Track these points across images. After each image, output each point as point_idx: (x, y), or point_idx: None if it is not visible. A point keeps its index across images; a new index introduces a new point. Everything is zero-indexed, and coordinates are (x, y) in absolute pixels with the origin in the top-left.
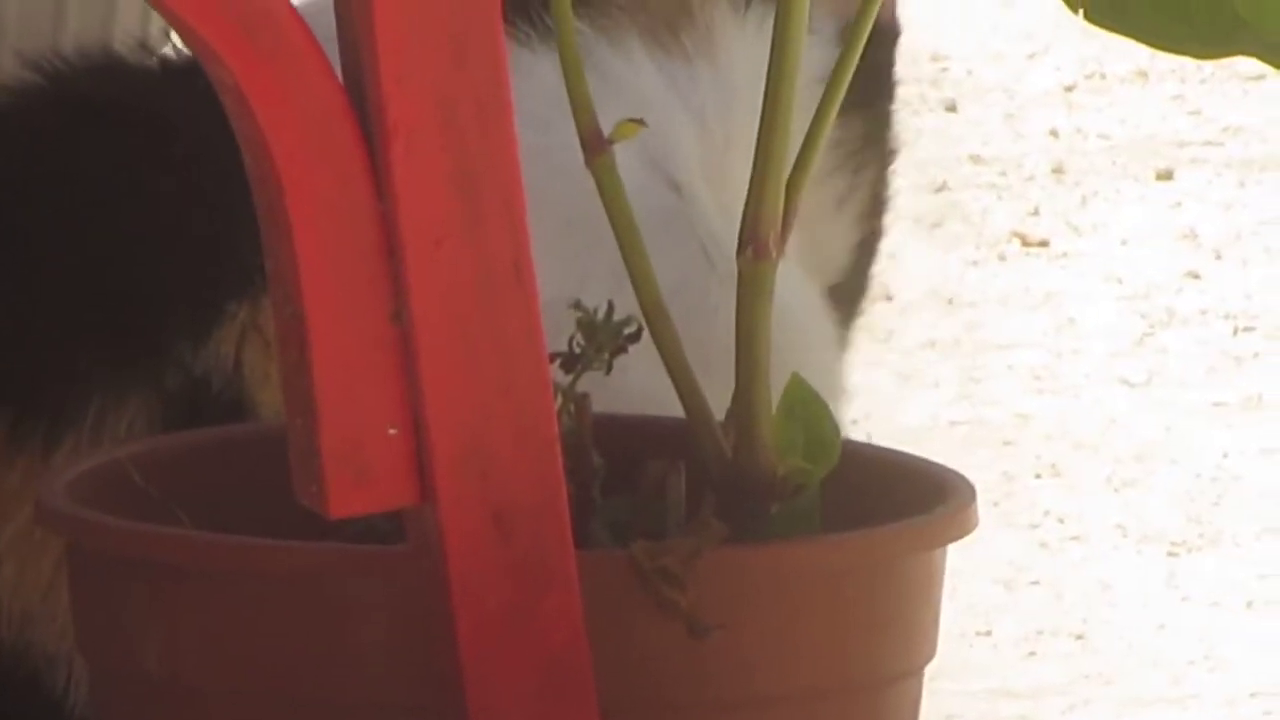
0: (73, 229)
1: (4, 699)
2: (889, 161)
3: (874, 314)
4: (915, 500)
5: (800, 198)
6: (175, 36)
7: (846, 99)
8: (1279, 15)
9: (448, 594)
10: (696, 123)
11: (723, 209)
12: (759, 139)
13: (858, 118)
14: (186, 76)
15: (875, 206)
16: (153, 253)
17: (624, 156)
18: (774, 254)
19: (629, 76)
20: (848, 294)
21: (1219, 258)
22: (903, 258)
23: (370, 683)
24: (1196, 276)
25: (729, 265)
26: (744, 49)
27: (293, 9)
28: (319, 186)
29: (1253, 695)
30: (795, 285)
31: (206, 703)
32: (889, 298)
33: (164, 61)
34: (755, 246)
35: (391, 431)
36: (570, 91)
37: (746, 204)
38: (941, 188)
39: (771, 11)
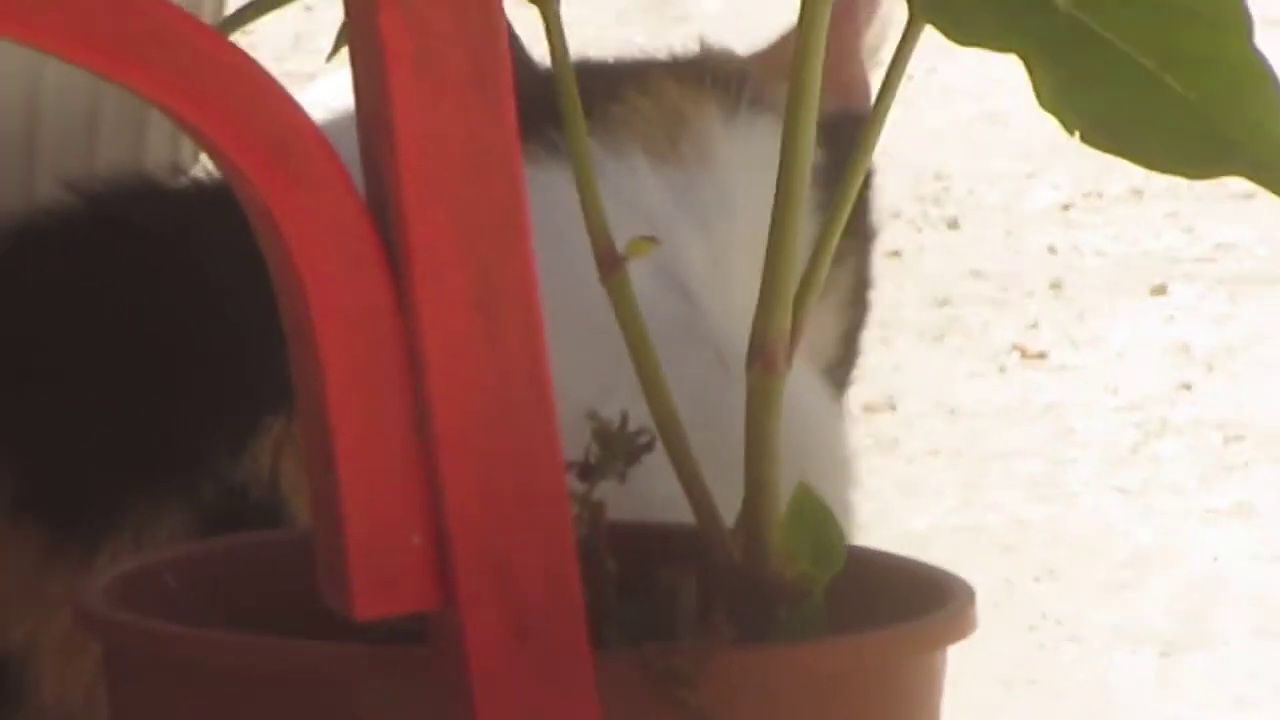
0: (111, 345)
1: None
2: (870, 245)
3: (879, 424)
4: (917, 603)
5: (806, 314)
6: (206, 159)
7: (828, 195)
8: (1266, 136)
9: (469, 694)
10: (699, 228)
11: (729, 310)
12: (767, 258)
13: (819, 210)
14: (217, 198)
15: (859, 292)
16: (190, 369)
17: (636, 266)
18: (782, 368)
19: (634, 187)
20: (839, 375)
21: (1211, 370)
22: (907, 369)
23: None
24: (1188, 388)
25: (742, 368)
26: (735, 153)
27: (319, 134)
28: (344, 303)
29: None
30: (804, 386)
31: None
32: (893, 408)
33: (196, 183)
34: (764, 361)
35: (415, 539)
36: (585, 212)
37: (755, 319)
38: (944, 302)
39: (756, 117)
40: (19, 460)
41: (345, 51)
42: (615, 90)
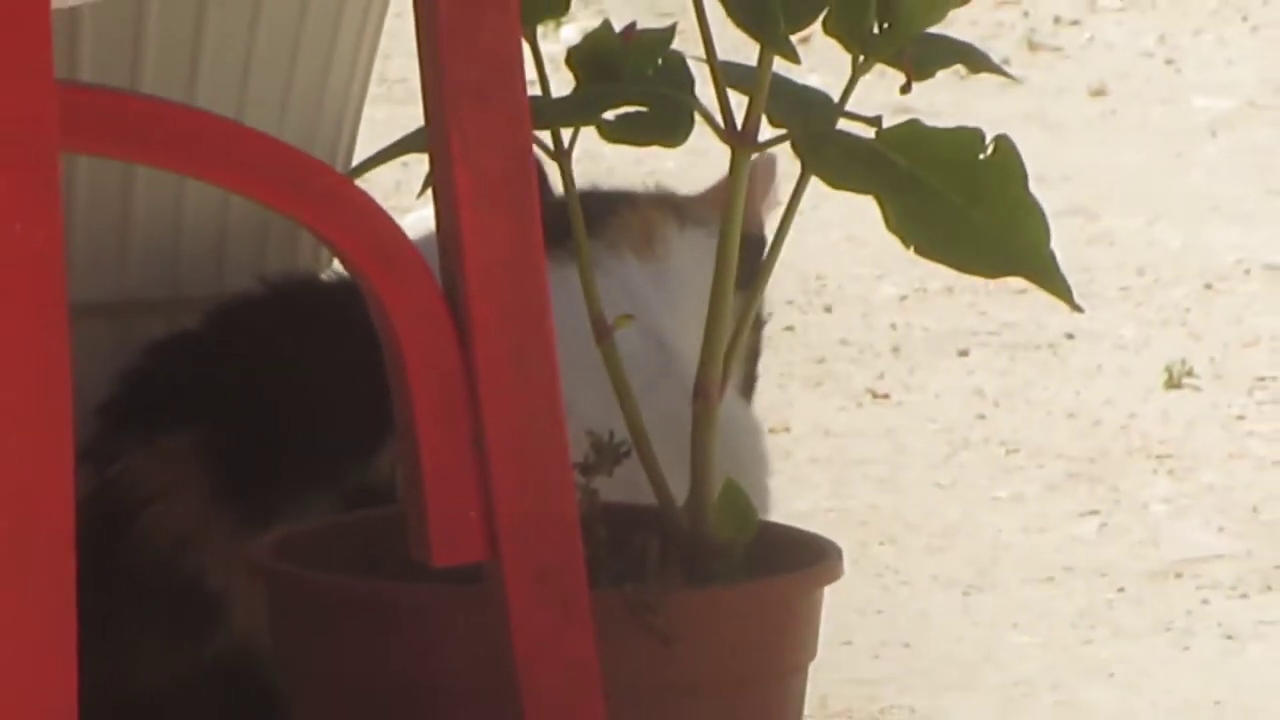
0: (286, 384)
1: (244, 704)
2: (763, 318)
3: (777, 440)
4: (804, 558)
5: (733, 365)
6: (337, 263)
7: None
8: (1037, 253)
9: (507, 618)
10: (668, 302)
11: (690, 358)
12: (706, 326)
13: (740, 294)
14: (349, 289)
15: (756, 339)
16: (338, 404)
17: (637, 330)
18: (715, 401)
19: (624, 274)
20: (747, 386)
21: (997, 406)
22: (797, 405)
23: (456, 671)
24: (983, 418)
25: None
26: (687, 255)
27: (414, 247)
28: (427, 360)
29: None
30: (735, 412)
31: (363, 696)
32: (788, 429)
33: (339, 278)
34: (703, 396)
35: (471, 514)
36: (586, 298)
37: (699, 368)
38: (821, 360)
39: (698, 230)
40: (220, 463)
41: (429, 192)
42: (613, 209)
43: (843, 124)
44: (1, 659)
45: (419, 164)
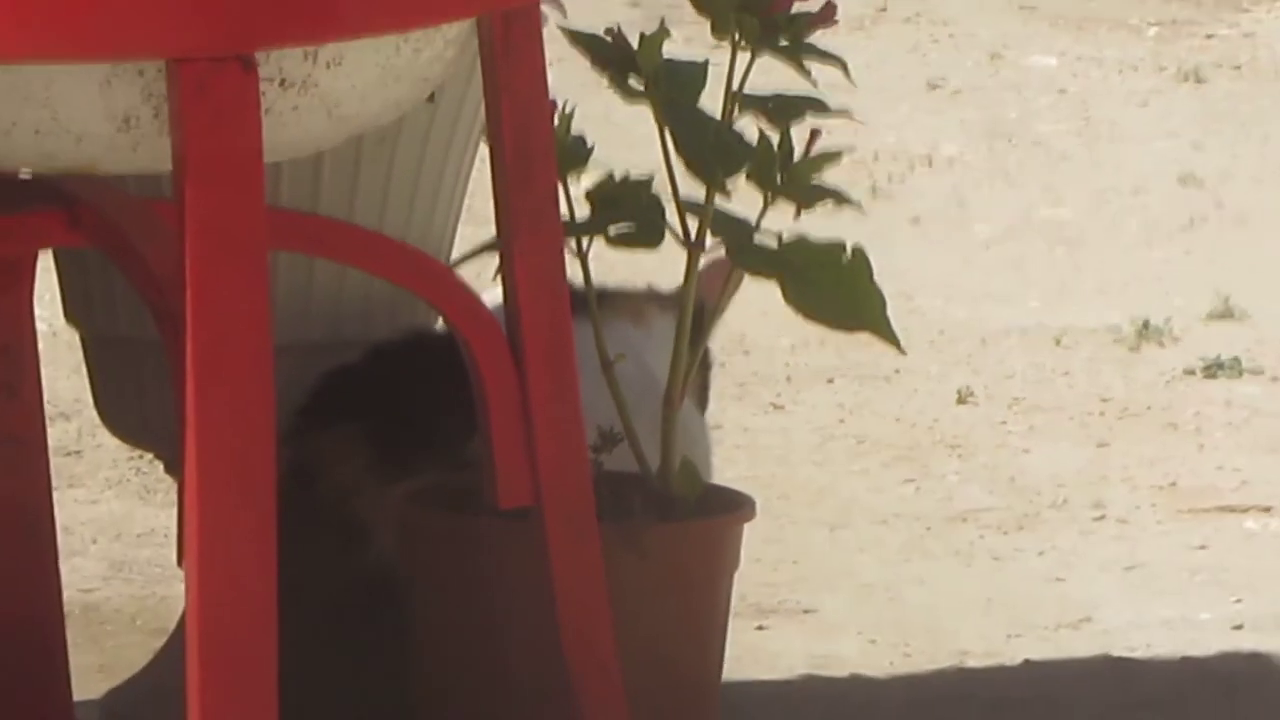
0: (421, 390)
1: (382, 601)
2: (710, 361)
3: (715, 434)
4: (731, 505)
5: (688, 387)
6: (441, 321)
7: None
8: (877, 318)
9: (546, 543)
10: (649, 349)
11: (660, 384)
12: (671, 365)
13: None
14: (449, 336)
15: (707, 375)
16: (453, 403)
17: (629, 364)
18: (677, 409)
19: (623, 332)
20: (702, 402)
21: (852, 414)
22: (720, 413)
23: (513, 577)
24: (843, 421)
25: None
26: (660, 323)
27: (488, 311)
28: (497, 379)
29: None
30: (690, 414)
31: (451, 590)
32: (720, 427)
33: (443, 329)
34: (669, 405)
35: (523, 476)
36: (598, 345)
37: (667, 389)
38: (742, 384)
39: (669, 311)
40: (377, 441)
41: (499, 278)
42: (620, 296)
43: (758, 237)
44: (228, 569)
45: (491, 260)
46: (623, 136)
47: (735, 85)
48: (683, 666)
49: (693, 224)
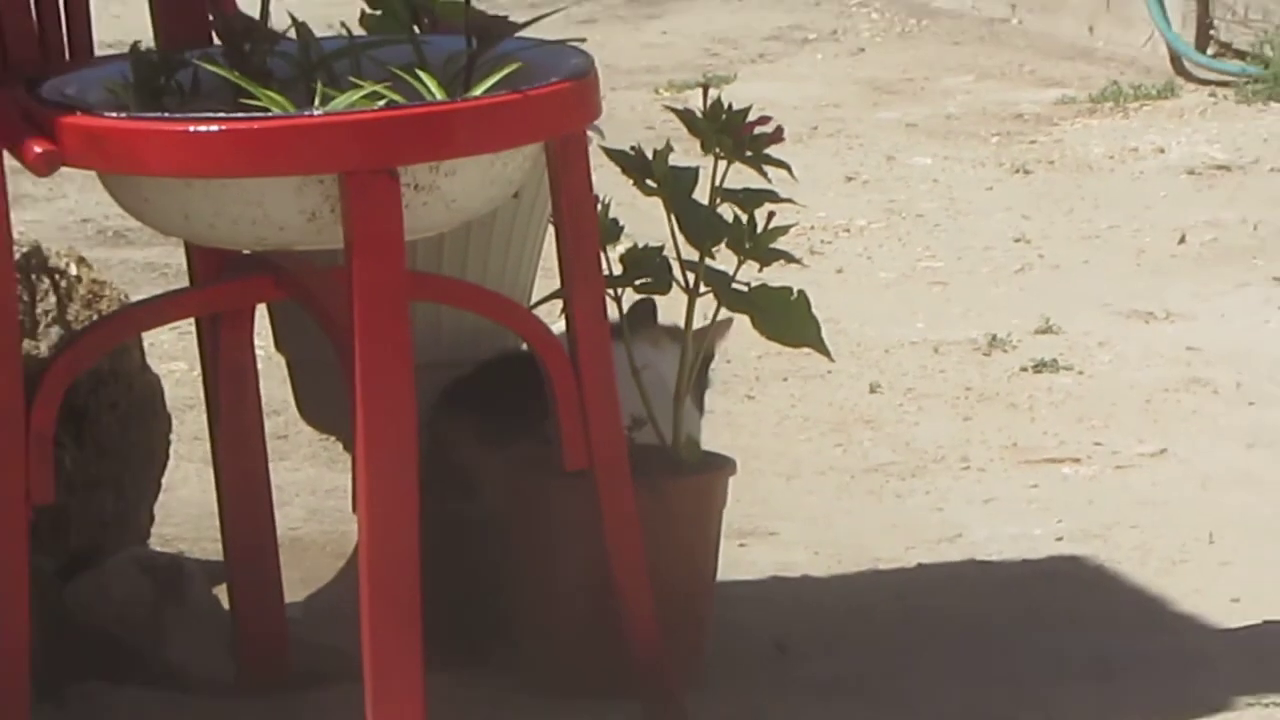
0: (509, 394)
1: (480, 544)
2: (708, 379)
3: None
4: (720, 464)
5: (691, 386)
6: (524, 344)
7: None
8: (813, 337)
9: (597, 493)
10: (666, 363)
11: (672, 383)
12: (678, 374)
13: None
14: (531, 355)
15: (707, 385)
16: (531, 400)
17: (650, 373)
18: (683, 401)
19: (648, 352)
20: (698, 398)
21: (802, 399)
22: (715, 403)
23: (576, 526)
24: (794, 405)
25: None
26: (670, 347)
27: (555, 337)
28: (561, 382)
29: None
30: (689, 402)
31: (537, 530)
32: (711, 411)
33: (528, 351)
34: (677, 399)
35: (581, 446)
36: (629, 358)
37: (676, 388)
38: (725, 383)
39: (677, 340)
40: (485, 426)
41: (564, 316)
42: (643, 328)
43: (735, 285)
44: (385, 513)
45: (557, 304)
46: (643, 218)
47: (717, 182)
48: (690, 576)
49: (690, 277)
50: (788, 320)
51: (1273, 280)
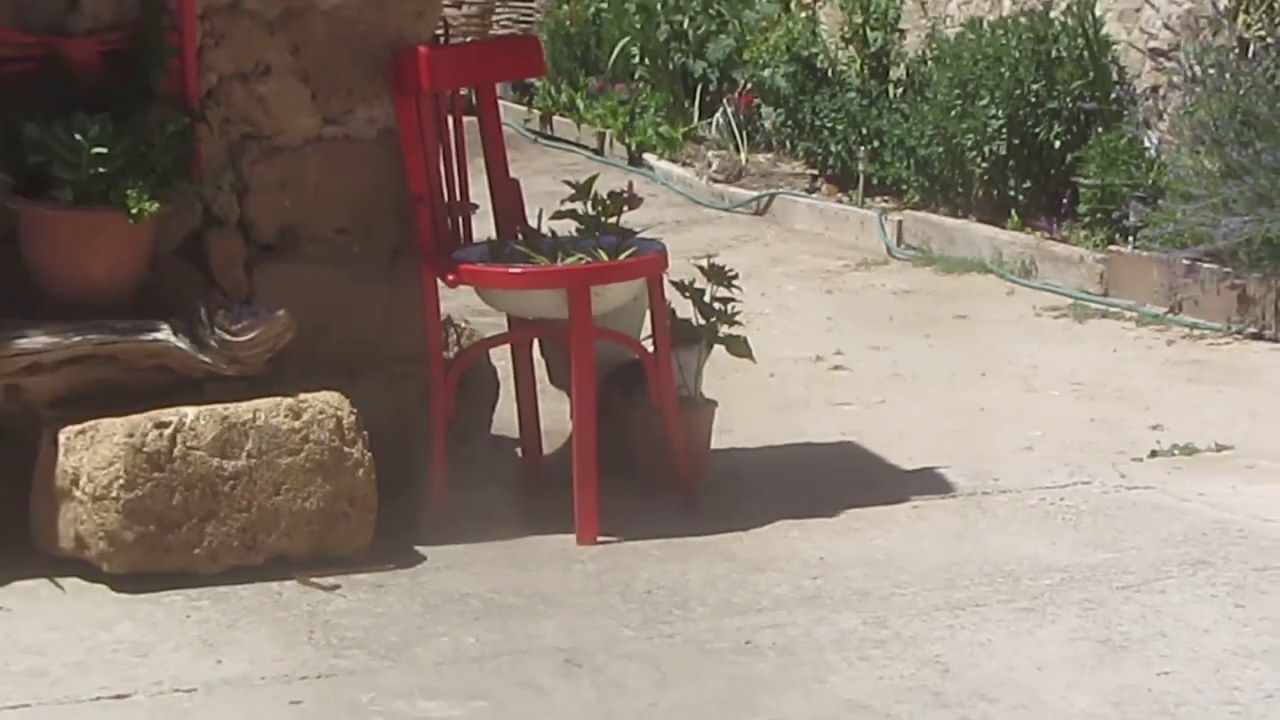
0: (634, 380)
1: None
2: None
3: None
4: (712, 404)
5: (702, 364)
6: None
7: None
8: (748, 352)
9: (663, 412)
10: (689, 360)
11: (690, 373)
12: (696, 363)
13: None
14: (639, 362)
15: (702, 361)
16: (641, 386)
17: (676, 364)
18: (698, 379)
19: (683, 354)
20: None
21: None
22: (707, 383)
23: (655, 423)
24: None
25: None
26: (693, 348)
27: (649, 353)
28: (652, 370)
29: None
30: (699, 379)
31: (620, 426)
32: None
33: (637, 359)
34: (695, 375)
35: (658, 394)
36: (676, 359)
37: (695, 371)
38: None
39: (696, 344)
40: (624, 392)
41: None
42: (679, 340)
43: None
44: (582, 418)
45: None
46: (680, 305)
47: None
48: (699, 445)
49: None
50: (738, 347)
51: None
